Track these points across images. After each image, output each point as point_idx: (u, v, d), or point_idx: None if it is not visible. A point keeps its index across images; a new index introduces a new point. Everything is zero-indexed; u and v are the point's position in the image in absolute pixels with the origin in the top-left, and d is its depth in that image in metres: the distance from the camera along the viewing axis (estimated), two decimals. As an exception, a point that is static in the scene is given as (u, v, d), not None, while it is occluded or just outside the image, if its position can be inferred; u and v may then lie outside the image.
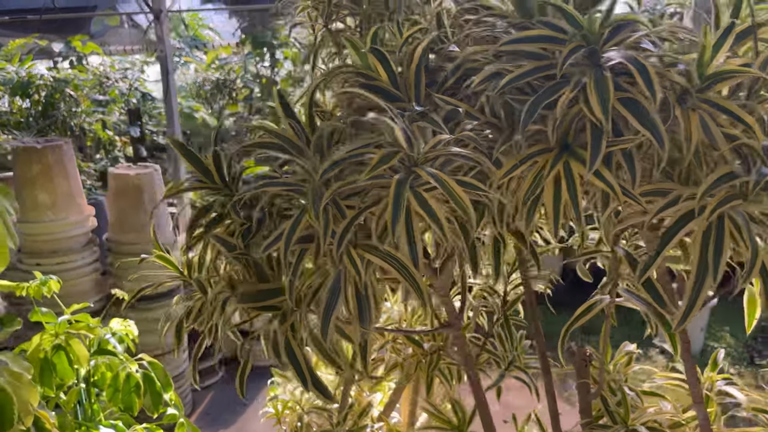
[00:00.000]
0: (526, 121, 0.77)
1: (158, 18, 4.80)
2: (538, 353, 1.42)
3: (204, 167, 1.08)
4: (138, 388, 2.03)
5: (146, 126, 6.81)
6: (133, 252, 3.75)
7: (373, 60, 1.01)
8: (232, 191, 1.08)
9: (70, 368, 1.96)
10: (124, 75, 6.83)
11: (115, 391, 2.06)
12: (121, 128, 7.00)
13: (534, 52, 0.82)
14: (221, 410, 4.24)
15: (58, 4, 4.63)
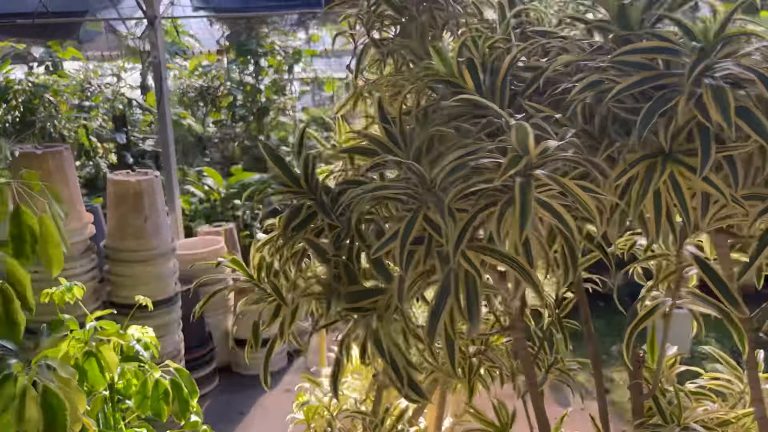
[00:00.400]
0: (642, 129, 0.81)
1: (152, 24, 4.76)
2: (590, 354, 1.46)
3: (291, 172, 1.09)
4: (167, 395, 2.02)
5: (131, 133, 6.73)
6: (132, 259, 3.71)
7: (463, 69, 1.04)
8: (316, 195, 1.10)
9: (100, 375, 1.94)
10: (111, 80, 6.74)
11: (144, 398, 2.04)
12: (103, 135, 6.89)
13: (641, 63, 0.86)
14: (218, 420, 4.19)
15: (49, 9, 4.56)
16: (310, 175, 1.11)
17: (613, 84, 0.88)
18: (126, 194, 3.65)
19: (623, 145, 0.90)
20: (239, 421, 4.23)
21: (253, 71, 8.24)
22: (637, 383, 1.38)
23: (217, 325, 4.69)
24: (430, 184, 0.87)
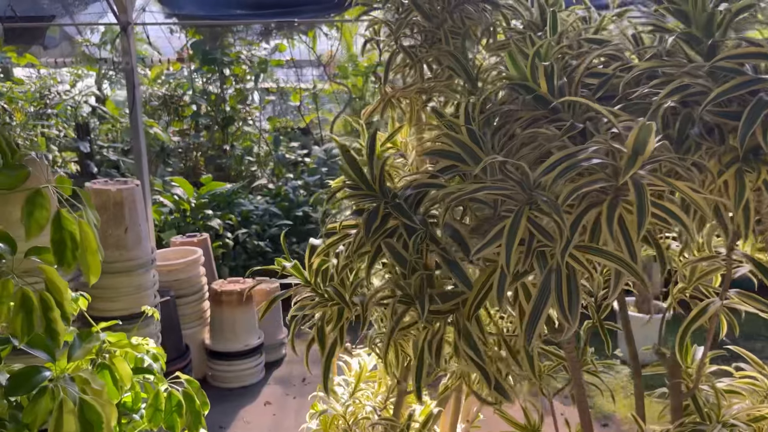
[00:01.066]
0: (745, 132, 0.84)
1: (125, 30, 4.65)
2: (630, 357, 1.49)
3: (364, 174, 1.09)
4: (180, 407, 1.96)
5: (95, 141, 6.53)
6: (113, 270, 3.59)
7: (539, 73, 1.06)
8: (388, 198, 1.10)
9: (114, 388, 1.87)
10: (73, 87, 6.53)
11: (156, 411, 1.98)
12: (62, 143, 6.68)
13: (734, 68, 0.90)
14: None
15: (18, 14, 4.40)
16: (381, 178, 1.10)
17: (701, 89, 0.92)
18: (106, 204, 3.54)
19: (708, 148, 0.93)
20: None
21: (218, 80, 8.14)
22: (676, 383, 1.43)
23: (194, 337, 4.59)
24: (533, 185, 0.89)
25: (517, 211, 0.88)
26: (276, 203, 6.52)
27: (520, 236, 0.87)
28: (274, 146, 7.87)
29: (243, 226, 6.00)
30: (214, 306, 4.66)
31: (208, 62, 7.75)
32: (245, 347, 4.61)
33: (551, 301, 0.89)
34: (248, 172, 8.12)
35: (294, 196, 6.64)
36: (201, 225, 5.59)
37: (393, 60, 1.73)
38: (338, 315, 1.22)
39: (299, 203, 6.55)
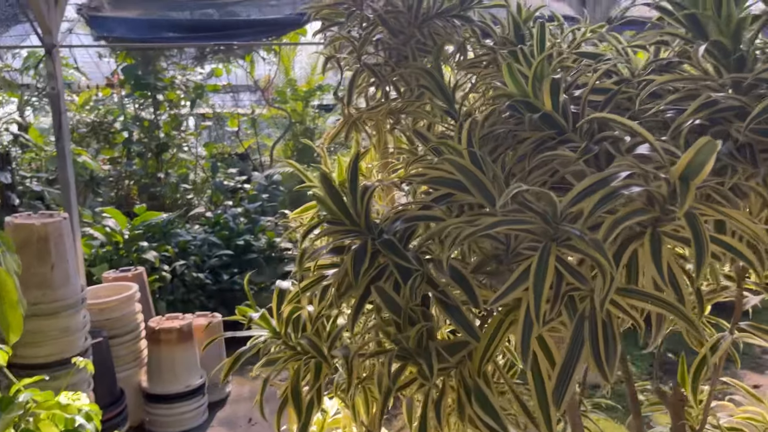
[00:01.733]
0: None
1: (50, 53, 4.34)
2: (629, 394, 1.37)
3: (346, 208, 0.93)
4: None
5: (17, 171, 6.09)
6: (38, 312, 3.25)
7: (544, 90, 0.94)
8: (373, 233, 0.94)
9: (41, 458, 1.62)
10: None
11: (93, 480, 1.73)
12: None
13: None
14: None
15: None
16: (367, 211, 0.95)
17: (735, 103, 0.81)
18: (29, 239, 3.22)
19: (744, 170, 0.83)
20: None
21: (151, 106, 7.81)
22: (682, 424, 1.31)
23: (129, 379, 4.24)
24: (559, 217, 0.75)
25: (543, 248, 0.74)
26: (215, 232, 6.22)
27: (551, 278, 0.72)
28: (212, 173, 7.58)
29: (181, 258, 5.68)
30: (151, 345, 4.34)
31: (141, 87, 7.43)
32: (186, 388, 4.30)
33: (585, 354, 0.75)
34: (184, 200, 7.78)
35: (234, 225, 6.37)
36: (135, 258, 5.25)
37: (357, 79, 1.58)
38: (316, 371, 1.04)
39: (240, 232, 6.28)
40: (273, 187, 7.23)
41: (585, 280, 0.75)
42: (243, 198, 7.29)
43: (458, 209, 0.95)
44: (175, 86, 7.87)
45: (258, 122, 8.50)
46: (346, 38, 1.58)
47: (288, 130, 8.40)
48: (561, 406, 0.77)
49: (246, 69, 8.25)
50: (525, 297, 0.77)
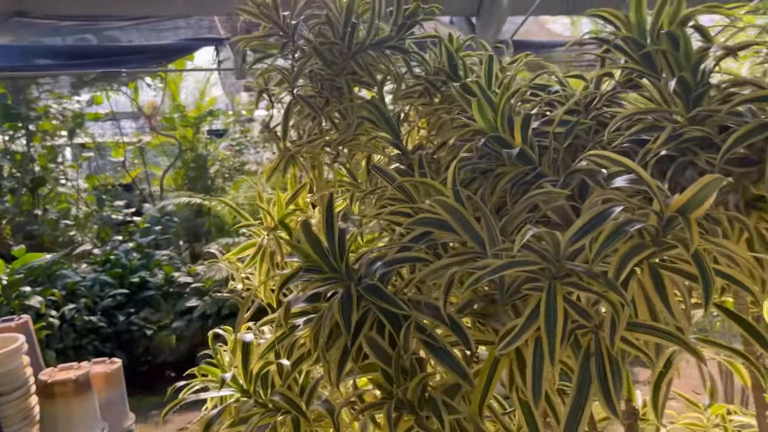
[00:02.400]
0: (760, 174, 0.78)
1: None
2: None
3: (326, 255, 0.87)
4: None
5: None
6: None
7: (515, 124, 0.94)
8: (354, 279, 0.90)
9: None
10: None
11: None
12: None
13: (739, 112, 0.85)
14: None
15: None
16: (346, 255, 0.90)
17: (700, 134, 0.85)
18: None
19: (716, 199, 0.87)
20: None
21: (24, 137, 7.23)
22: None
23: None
24: (561, 255, 0.74)
25: (549, 287, 0.73)
26: (106, 271, 5.82)
27: (562, 317, 0.72)
28: (98, 206, 7.10)
29: (69, 301, 5.25)
30: (43, 400, 3.95)
31: (12, 118, 6.85)
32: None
33: (593, 391, 0.75)
34: (66, 237, 7.22)
35: (127, 261, 5.99)
36: (17, 305, 4.79)
37: (291, 112, 1.53)
38: (295, 427, 0.97)
39: (133, 268, 5.92)
40: (166, 218, 6.90)
41: (590, 317, 0.75)
42: (133, 232, 6.89)
43: (434, 249, 0.93)
44: (50, 116, 7.35)
45: (145, 151, 8.10)
46: (279, 70, 1.52)
47: (178, 158, 8.06)
48: None
49: (130, 96, 7.86)
50: (531, 338, 0.76)
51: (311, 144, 1.49)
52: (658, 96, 0.96)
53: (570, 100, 1.12)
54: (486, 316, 0.86)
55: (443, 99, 1.49)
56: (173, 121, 8.00)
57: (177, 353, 6.04)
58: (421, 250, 0.90)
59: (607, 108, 1.12)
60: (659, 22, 1.05)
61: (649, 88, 0.96)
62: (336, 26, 1.54)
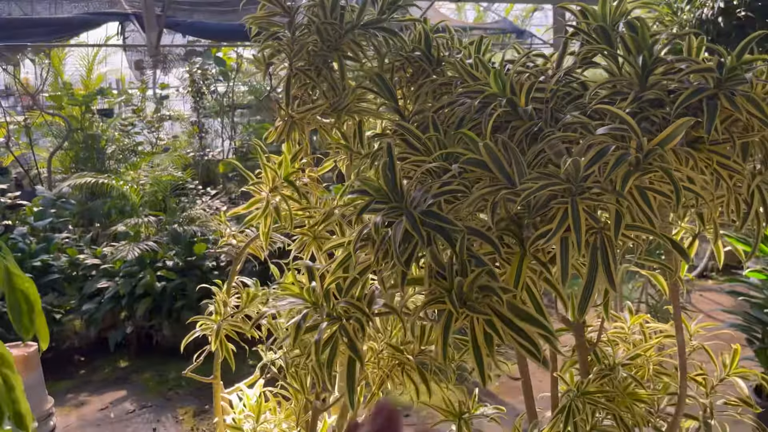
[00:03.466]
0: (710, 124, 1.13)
1: None
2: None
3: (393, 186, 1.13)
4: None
5: None
6: None
7: (522, 88, 1.24)
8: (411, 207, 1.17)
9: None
10: None
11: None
12: None
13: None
14: None
15: None
16: (402, 190, 1.16)
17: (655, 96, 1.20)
18: None
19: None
20: None
21: None
22: (583, 342, 1.73)
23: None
24: (579, 178, 1.06)
25: (571, 201, 1.05)
26: (2, 256, 5.55)
27: (584, 219, 1.03)
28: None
29: (-34, 288, 4.99)
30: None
31: None
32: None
33: (600, 274, 1.07)
34: (-59, 226, 6.73)
35: (25, 245, 5.74)
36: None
37: (291, 83, 1.75)
38: (361, 327, 1.22)
39: (33, 252, 5.69)
40: (62, 201, 6.63)
41: (598, 220, 1.07)
42: (25, 216, 6.56)
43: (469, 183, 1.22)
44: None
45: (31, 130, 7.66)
46: (280, 45, 1.73)
47: (67, 138, 7.72)
48: (584, 313, 1.09)
49: (11, 72, 7.40)
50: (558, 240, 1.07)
51: (311, 111, 1.72)
52: (616, 70, 1.31)
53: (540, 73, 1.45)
54: (513, 232, 1.17)
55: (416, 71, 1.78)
56: (60, 100, 7.63)
57: (85, 337, 5.89)
58: (459, 184, 1.18)
59: (569, 80, 1.46)
60: (611, 13, 1.41)
61: (611, 64, 1.31)
62: (326, 8, 1.78)
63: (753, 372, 1.81)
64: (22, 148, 7.86)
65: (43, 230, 6.26)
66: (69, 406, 4.78)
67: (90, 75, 8.29)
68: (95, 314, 5.44)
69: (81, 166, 7.78)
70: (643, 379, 1.78)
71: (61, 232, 6.34)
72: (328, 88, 1.74)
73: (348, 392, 1.20)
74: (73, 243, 5.99)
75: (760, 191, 1.29)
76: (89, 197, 7.38)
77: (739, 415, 1.72)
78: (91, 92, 7.93)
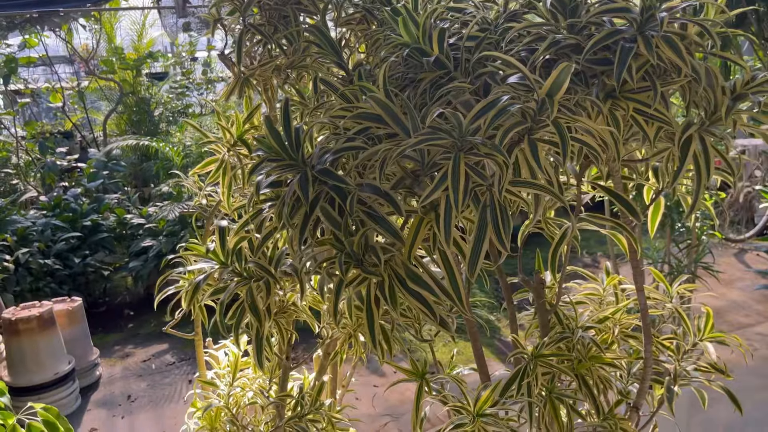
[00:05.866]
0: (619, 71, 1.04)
1: None
2: (503, 287, 1.71)
3: (285, 146, 1.10)
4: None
5: None
6: None
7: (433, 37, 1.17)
8: (308, 167, 1.13)
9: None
10: None
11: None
12: None
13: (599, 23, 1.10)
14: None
15: None
16: (299, 147, 1.13)
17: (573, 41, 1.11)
18: None
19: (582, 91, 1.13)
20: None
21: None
22: (543, 302, 1.67)
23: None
24: (464, 133, 0.99)
25: (455, 156, 0.99)
26: (56, 215, 5.86)
27: (464, 177, 0.97)
28: (41, 153, 7.03)
29: (22, 246, 5.31)
30: (9, 337, 4.11)
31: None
32: (55, 376, 4.15)
33: (489, 232, 1.01)
34: (8, 186, 7.16)
35: (77, 205, 6.04)
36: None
37: (243, 39, 1.72)
38: (267, 289, 1.22)
39: (84, 212, 5.98)
40: (113, 163, 6.90)
41: (485, 177, 1.01)
42: (79, 178, 6.88)
43: (373, 141, 1.17)
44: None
45: (84, 95, 7.97)
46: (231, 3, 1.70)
47: (119, 102, 7.98)
48: (475, 275, 1.04)
49: (64, 38, 7.66)
50: (442, 197, 1.02)
51: (263, 67, 1.69)
52: (546, 14, 1.21)
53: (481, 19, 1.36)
54: (411, 187, 1.12)
55: (379, 24, 1.71)
56: (112, 65, 7.87)
57: (134, 293, 6.21)
58: (361, 141, 1.14)
59: (507, 27, 1.37)
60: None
61: (541, 8, 1.21)
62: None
63: (733, 337, 1.69)
64: (79, 113, 8.20)
65: (96, 191, 6.54)
66: (115, 358, 5.06)
67: (141, 39, 8.48)
68: (141, 271, 5.69)
69: (134, 129, 8.04)
70: (607, 342, 1.70)
71: (111, 192, 6.62)
72: (278, 44, 1.70)
73: (255, 353, 1.20)
74: (122, 204, 6.25)
75: (702, 143, 1.18)
76: (141, 159, 7.65)
77: (708, 382, 1.62)
78: (141, 56, 8.12)
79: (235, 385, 2.05)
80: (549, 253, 1.52)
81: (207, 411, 1.97)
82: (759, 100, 1.13)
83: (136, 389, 4.52)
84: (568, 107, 1.09)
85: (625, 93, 1.13)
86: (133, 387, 4.55)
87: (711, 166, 1.18)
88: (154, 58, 8.41)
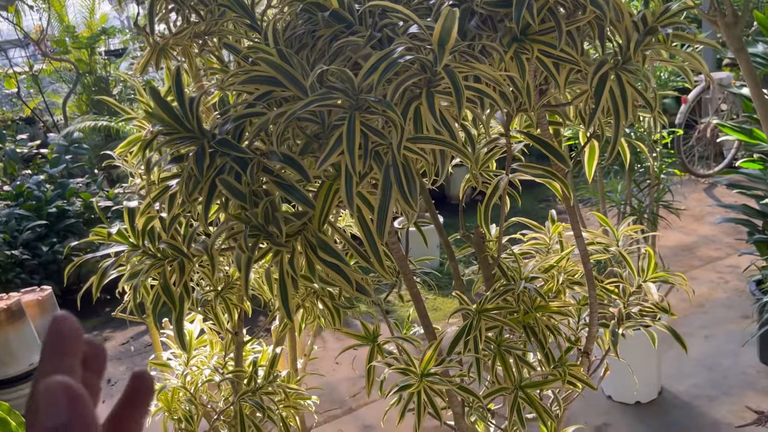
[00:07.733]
0: (518, 14, 0.99)
1: None
2: (444, 245, 1.68)
3: (179, 118, 1.04)
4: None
5: None
6: None
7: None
8: (208, 137, 1.08)
9: None
10: None
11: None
12: None
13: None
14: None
15: None
16: (199, 117, 1.07)
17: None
18: None
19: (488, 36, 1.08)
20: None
21: None
22: (485, 256, 1.65)
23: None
24: (357, 91, 0.94)
25: (349, 117, 0.94)
26: (20, 205, 5.75)
27: (358, 139, 0.93)
28: (0, 142, 6.86)
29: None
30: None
31: None
32: (30, 367, 4.12)
33: (395, 194, 0.97)
34: (-31, 178, 7.00)
35: (41, 193, 5.91)
36: None
37: (155, 7, 1.64)
38: (180, 269, 1.18)
39: (49, 199, 5.86)
40: (75, 146, 6.75)
41: (384, 136, 0.96)
42: (42, 164, 6.73)
43: (278, 104, 1.12)
44: None
45: (40, 79, 7.74)
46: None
47: (77, 83, 7.77)
48: (384, 238, 1.00)
49: (11, 20, 7.40)
50: (343, 160, 0.97)
51: (177, 36, 1.62)
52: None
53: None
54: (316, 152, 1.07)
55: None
56: (65, 44, 7.63)
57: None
58: (261, 107, 1.08)
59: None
60: None
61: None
62: None
63: (678, 275, 1.68)
64: (34, 97, 7.98)
65: (60, 176, 6.41)
66: (94, 342, 5.03)
67: (92, 15, 8.21)
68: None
69: (95, 110, 7.86)
70: (552, 291, 1.69)
71: (77, 177, 6.49)
72: (193, 10, 1.62)
73: (176, 335, 1.16)
74: (88, 188, 6.13)
75: (619, 81, 1.14)
76: (107, 139, 7.49)
77: (652, 322, 1.61)
78: (94, 33, 7.87)
79: (190, 365, 2.03)
80: (481, 208, 1.49)
81: (162, 392, 1.95)
82: (667, 32, 1.09)
83: (115, 373, 4.51)
84: (471, 54, 1.04)
85: (530, 35, 1.08)
86: (112, 371, 4.54)
87: (629, 105, 1.14)
88: (108, 34, 8.16)
